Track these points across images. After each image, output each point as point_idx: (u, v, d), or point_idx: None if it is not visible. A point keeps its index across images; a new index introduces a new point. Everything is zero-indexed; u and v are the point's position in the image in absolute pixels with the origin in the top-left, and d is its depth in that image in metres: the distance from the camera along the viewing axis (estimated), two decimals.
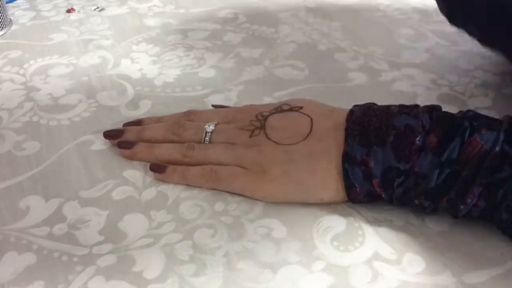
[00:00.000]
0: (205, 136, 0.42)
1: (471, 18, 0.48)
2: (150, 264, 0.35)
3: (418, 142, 0.35)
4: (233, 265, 0.35)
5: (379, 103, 0.40)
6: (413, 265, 0.34)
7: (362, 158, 0.36)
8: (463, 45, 0.58)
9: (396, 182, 0.35)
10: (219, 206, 0.39)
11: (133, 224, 0.38)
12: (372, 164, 0.36)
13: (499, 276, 0.34)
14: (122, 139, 0.44)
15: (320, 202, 0.38)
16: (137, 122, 0.46)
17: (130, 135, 0.44)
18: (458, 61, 0.56)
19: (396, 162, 0.35)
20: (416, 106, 0.38)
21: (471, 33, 0.51)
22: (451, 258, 0.35)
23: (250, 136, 0.40)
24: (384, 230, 0.37)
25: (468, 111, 0.36)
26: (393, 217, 0.38)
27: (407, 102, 0.39)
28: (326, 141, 0.38)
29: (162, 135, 0.43)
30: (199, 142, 0.42)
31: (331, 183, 0.37)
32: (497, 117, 0.36)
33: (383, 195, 0.37)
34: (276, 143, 0.39)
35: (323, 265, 0.35)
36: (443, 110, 0.37)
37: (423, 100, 0.50)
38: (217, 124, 0.42)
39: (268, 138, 0.40)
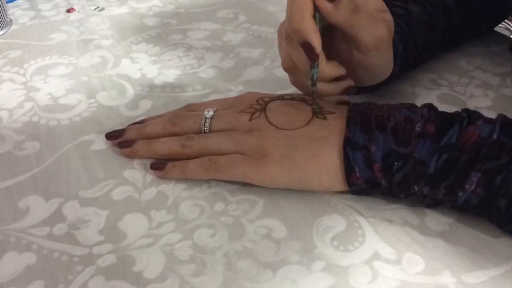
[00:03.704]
0: (205, 122, 0.42)
1: None
2: (150, 264, 0.35)
3: (417, 128, 0.36)
4: (233, 265, 0.35)
5: (378, 103, 0.40)
6: (413, 265, 0.34)
7: (364, 143, 0.36)
8: (463, 45, 0.58)
9: (395, 166, 0.36)
10: (219, 206, 0.39)
11: (133, 224, 0.38)
12: (373, 148, 0.36)
13: (499, 276, 0.34)
14: (124, 138, 0.44)
15: (318, 187, 0.39)
16: (140, 122, 0.46)
17: (131, 133, 0.44)
18: (458, 61, 0.56)
19: (396, 146, 0.36)
20: (414, 104, 0.39)
21: None
22: (451, 258, 0.35)
23: (250, 119, 0.40)
24: (384, 230, 0.37)
25: (464, 109, 0.37)
26: (393, 217, 0.38)
27: (407, 102, 0.39)
28: (328, 128, 0.39)
29: (162, 128, 0.43)
30: (199, 130, 0.42)
31: (330, 167, 0.38)
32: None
33: (382, 182, 0.37)
34: (277, 127, 0.39)
35: (323, 265, 0.35)
36: (441, 110, 0.38)
37: (423, 100, 0.50)
38: (216, 110, 0.43)
39: (268, 121, 0.40)
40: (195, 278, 0.34)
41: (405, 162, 0.36)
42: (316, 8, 0.37)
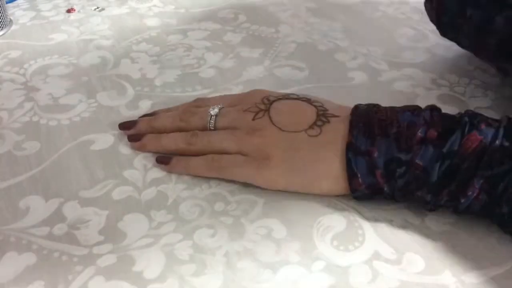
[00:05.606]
0: (210, 119, 0.42)
1: (460, 30, 0.48)
2: (150, 264, 0.35)
3: (420, 134, 0.35)
4: (233, 265, 0.35)
5: (379, 103, 0.40)
6: (413, 265, 0.34)
7: (367, 149, 0.36)
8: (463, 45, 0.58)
9: (397, 173, 0.36)
10: (219, 206, 0.39)
11: (133, 224, 0.38)
12: (376, 154, 0.36)
13: (499, 276, 0.34)
14: (135, 129, 0.45)
15: (319, 192, 0.39)
16: (151, 114, 0.47)
17: (142, 125, 0.45)
18: (458, 61, 0.56)
19: (398, 152, 0.36)
20: (418, 106, 0.38)
21: (462, 45, 0.51)
22: (451, 258, 0.35)
23: (254, 118, 0.41)
24: (384, 230, 0.37)
25: (467, 111, 0.37)
26: (393, 217, 0.38)
27: (407, 102, 0.40)
28: (331, 131, 0.39)
29: (171, 122, 0.44)
30: (205, 127, 0.42)
31: (332, 172, 0.38)
32: (496, 117, 0.36)
33: (385, 188, 0.37)
34: (280, 129, 0.39)
35: (323, 265, 0.35)
36: (442, 111, 0.38)
37: (423, 100, 0.50)
38: (222, 107, 0.43)
39: (271, 122, 0.40)
40: (195, 278, 0.34)
41: (407, 169, 0.35)
42: None
